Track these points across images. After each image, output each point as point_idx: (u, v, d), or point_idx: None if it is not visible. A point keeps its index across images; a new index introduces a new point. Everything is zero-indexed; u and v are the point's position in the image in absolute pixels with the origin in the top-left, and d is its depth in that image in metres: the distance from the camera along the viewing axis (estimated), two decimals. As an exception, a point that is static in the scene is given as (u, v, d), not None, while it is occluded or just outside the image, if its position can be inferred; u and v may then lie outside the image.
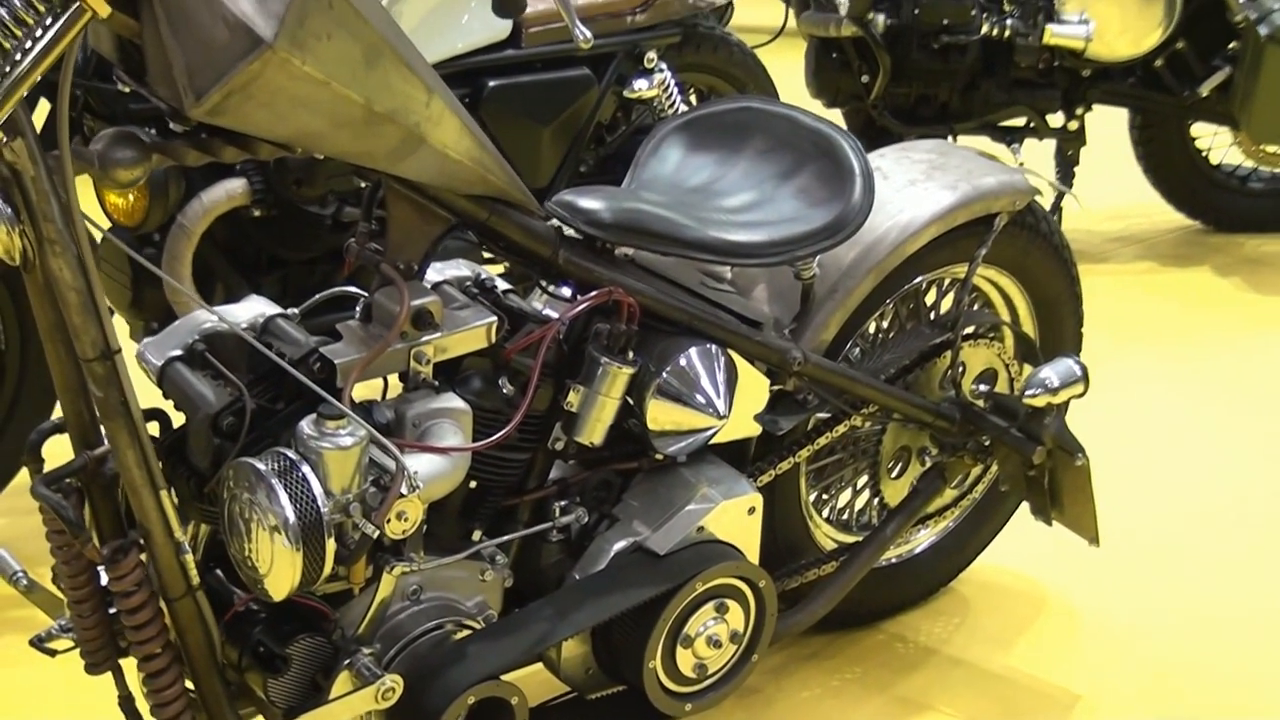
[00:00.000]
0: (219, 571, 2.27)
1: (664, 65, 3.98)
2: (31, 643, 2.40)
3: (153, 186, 3.21)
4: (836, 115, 5.13)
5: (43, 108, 2.70)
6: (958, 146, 2.97)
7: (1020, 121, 5.08)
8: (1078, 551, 2.95)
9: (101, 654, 2.27)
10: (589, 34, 2.85)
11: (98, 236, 2.25)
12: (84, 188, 3.45)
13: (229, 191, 3.30)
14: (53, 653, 2.38)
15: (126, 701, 2.31)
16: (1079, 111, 5.02)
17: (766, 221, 2.49)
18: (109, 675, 2.30)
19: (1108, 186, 5.30)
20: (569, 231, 2.36)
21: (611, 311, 2.36)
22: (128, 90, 2.68)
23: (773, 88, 4.41)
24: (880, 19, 4.82)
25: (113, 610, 2.21)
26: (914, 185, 2.76)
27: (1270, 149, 5.24)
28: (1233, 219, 5.38)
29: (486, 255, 3.25)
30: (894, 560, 3.04)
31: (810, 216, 2.50)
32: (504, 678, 2.31)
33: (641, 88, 3.93)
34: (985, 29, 4.84)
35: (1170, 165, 5.30)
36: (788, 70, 4.99)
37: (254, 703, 2.27)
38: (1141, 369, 4.26)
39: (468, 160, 2.16)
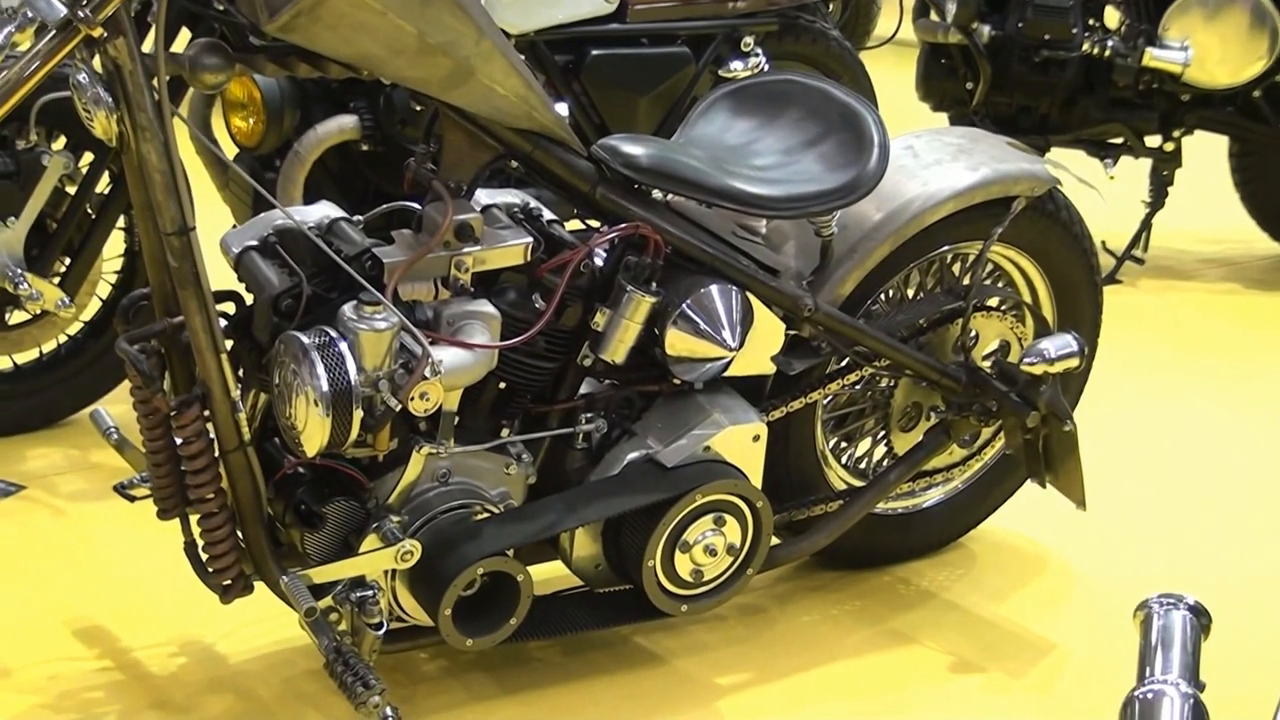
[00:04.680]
0: (276, 440, 2.58)
1: (759, 50, 4.23)
2: (115, 488, 2.78)
3: (269, 113, 3.55)
4: (942, 119, 5.35)
5: (184, 36, 3.08)
6: (988, 134, 3.21)
7: (1118, 139, 5.19)
8: (1087, 521, 3.18)
9: (170, 502, 2.61)
10: None
11: (228, 160, 2.63)
12: (216, 116, 3.85)
13: (341, 125, 3.60)
14: (131, 498, 2.75)
15: (190, 548, 2.63)
16: (1176, 134, 5.10)
17: (787, 180, 2.77)
18: (177, 524, 2.63)
19: (1205, 209, 5.40)
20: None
21: (642, 247, 2.67)
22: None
23: (869, 86, 4.65)
24: (985, 30, 4.96)
25: (183, 469, 2.52)
26: (940, 164, 3.02)
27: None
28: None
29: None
30: (905, 509, 3.27)
31: (826, 178, 2.78)
32: (525, 568, 2.60)
33: (736, 69, 4.17)
34: (1085, 47, 4.95)
35: (1267, 193, 5.35)
36: (893, 76, 5.22)
37: (294, 558, 2.58)
38: (1196, 379, 4.42)
39: (514, 97, 2.47)
